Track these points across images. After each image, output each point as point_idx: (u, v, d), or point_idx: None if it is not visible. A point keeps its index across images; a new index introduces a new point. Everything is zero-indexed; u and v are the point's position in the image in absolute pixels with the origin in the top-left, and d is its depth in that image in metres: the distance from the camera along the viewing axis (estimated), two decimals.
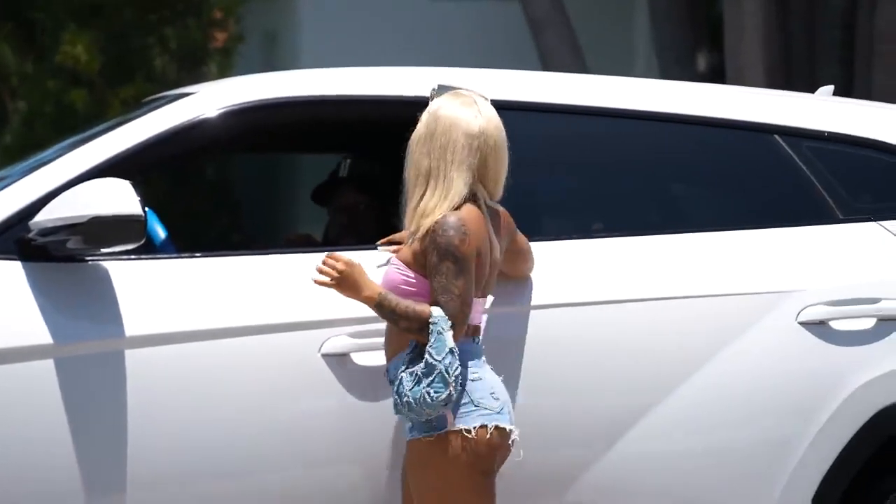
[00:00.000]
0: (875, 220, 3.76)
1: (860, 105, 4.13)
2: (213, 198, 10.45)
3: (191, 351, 3.46)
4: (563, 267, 3.64)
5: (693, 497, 3.60)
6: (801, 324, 3.65)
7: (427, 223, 3.29)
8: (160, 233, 4.33)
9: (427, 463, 3.27)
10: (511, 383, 3.51)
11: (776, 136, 3.81)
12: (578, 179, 3.83)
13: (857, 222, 3.75)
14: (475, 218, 3.32)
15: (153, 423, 3.44)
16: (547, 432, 3.54)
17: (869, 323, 3.65)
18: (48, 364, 3.41)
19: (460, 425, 3.25)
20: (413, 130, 3.36)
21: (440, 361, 3.21)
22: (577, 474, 3.55)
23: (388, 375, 3.35)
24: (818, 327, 3.65)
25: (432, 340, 3.23)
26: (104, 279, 3.47)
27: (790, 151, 3.80)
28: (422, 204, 3.30)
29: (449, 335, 3.23)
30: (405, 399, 3.23)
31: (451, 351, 3.22)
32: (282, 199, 11.13)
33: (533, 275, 3.60)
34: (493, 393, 3.29)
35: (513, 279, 3.55)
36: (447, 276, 3.25)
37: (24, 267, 3.45)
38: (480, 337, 3.38)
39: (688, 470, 3.59)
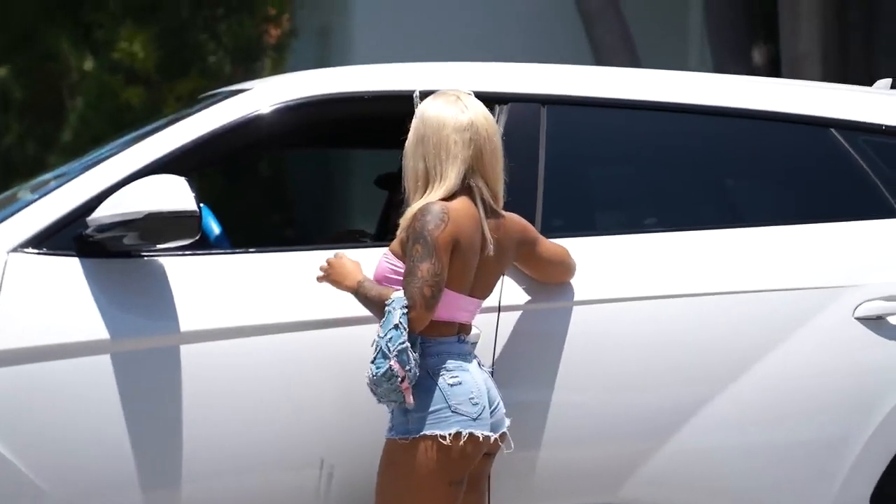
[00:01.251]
0: None
1: None
2: (268, 194, 10.50)
3: (244, 346, 3.48)
4: (619, 262, 3.62)
5: (749, 493, 3.57)
6: (858, 319, 3.62)
7: (413, 210, 3.29)
8: (215, 228, 4.35)
9: (397, 464, 3.25)
10: (564, 378, 3.49)
11: (832, 130, 3.77)
12: (633, 174, 3.81)
13: None
14: (463, 210, 3.29)
15: (208, 417, 3.46)
16: (601, 428, 3.53)
17: None
18: (105, 359, 3.44)
19: (435, 431, 3.22)
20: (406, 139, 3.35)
21: (382, 337, 3.22)
22: (632, 470, 3.54)
23: None
24: (875, 322, 3.61)
25: (383, 320, 3.24)
26: (160, 275, 3.50)
27: (847, 145, 3.76)
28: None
29: (398, 313, 3.22)
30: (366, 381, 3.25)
31: (396, 326, 3.22)
32: (335, 194, 11.16)
33: (588, 270, 3.59)
34: (471, 398, 3.26)
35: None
36: (414, 258, 3.25)
37: (82, 263, 3.49)
38: (469, 337, 3.35)
39: (744, 465, 3.57)
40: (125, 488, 3.44)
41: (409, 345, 3.22)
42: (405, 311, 3.23)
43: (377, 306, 3.29)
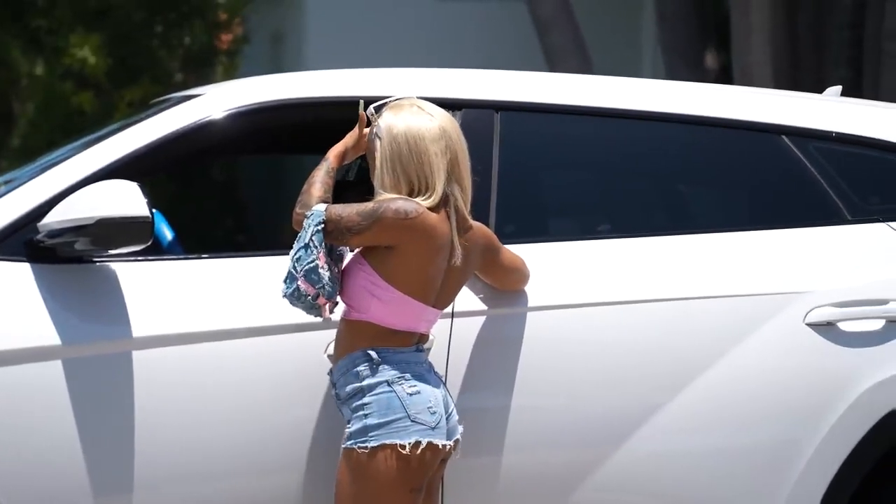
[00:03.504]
0: (883, 221, 3.75)
1: (868, 105, 4.12)
2: (220, 199, 10.47)
3: (197, 352, 3.46)
4: (570, 268, 3.63)
5: (700, 498, 3.59)
6: (809, 325, 3.64)
7: (389, 196, 3.27)
8: (167, 234, 4.33)
9: (357, 472, 3.24)
10: (516, 384, 3.50)
11: (783, 137, 3.80)
12: (585, 181, 3.83)
13: (865, 223, 3.74)
14: (437, 221, 3.27)
15: (160, 423, 3.44)
16: (552, 433, 3.54)
17: (877, 324, 3.64)
18: (56, 365, 3.41)
19: (395, 440, 3.22)
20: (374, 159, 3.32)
21: (291, 257, 3.25)
22: (582, 475, 3.55)
23: (332, 377, 3.35)
24: (826, 328, 3.64)
25: (299, 234, 3.27)
26: (112, 280, 3.48)
27: (797, 152, 3.79)
28: None
29: (311, 230, 3.23)
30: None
31: (306, 246, 3.23)
32: (287, 200, 11.14)
33: (542, 276, 3.60)
34: (430, 407, 3.26)
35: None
36: (360, 206, 3.24)
37: (33, 268, 3.46)
38: (427, 347, 3.35)
39: (695, 471, 3.59)
40: (78, 495, 3.42)
41: (318, 263, 3.21)
42: (318, 228, 3.22)
43: (302, 194, 3.31)
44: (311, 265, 3.21)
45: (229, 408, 3.47)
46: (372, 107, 3.40)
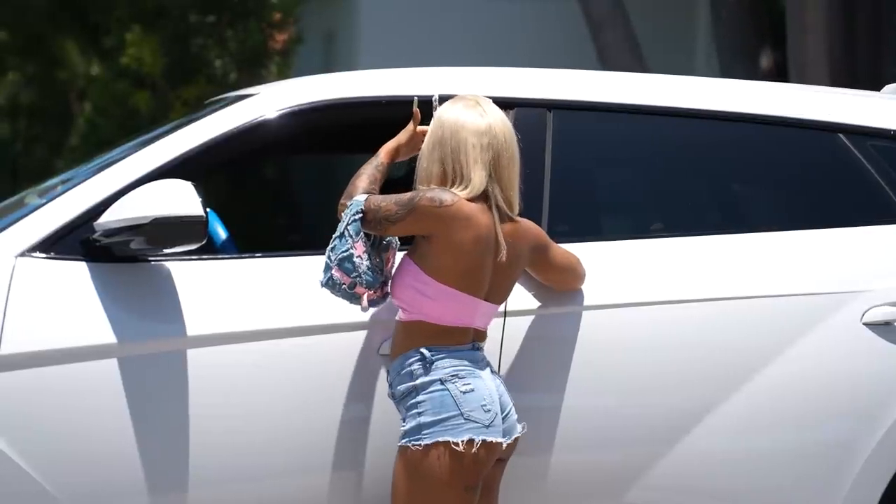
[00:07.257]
0: None
1: None
2: (274, 198, 10.52)
3: (250, 350, 3.48)
4: (626, 266, 3.62)
5: (756, 497, 3.57)
6: (866, 324, 3.61)
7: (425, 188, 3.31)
8: (221, 233, 4.36)
9: (412, 470, 3.26)
10: (569, 383, 3.49)
11: (840, 135, 3.77)
12: (640, 179, 3.81)
13: None
14: (474, 210, 3.29)
15: (216, 421, 3.46)
16: (605, 432, 3.53)
17: None
18: (111, 363, 3.44)
19: (448, 438, 3.23)
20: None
21: (328, 245, 3.29)
22: (638, 474, 3.54)
23: (388, 377, 3.37)
24: (883, 328, 3.61)
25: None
26: (166, 279, 3.51)
27: (855, 150, 3.76)
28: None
29: (348, 219, 3.29)
30: None
31: (341, 235, 3.29)
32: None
33: (595, 275, 3.59)
34: (483, 405, 3.27)
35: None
36: (398, 196, 3.29)
37: (89, 267, 3.49)
38: (483, 343, 3.36)
39: (751, 470, 3.57)
40: (133, 492, 3.44)
41: (353, 252, 3.26)
42: (356, 217, 3.27)
43: (348, 187, 3.38)
44: (345, 254, 3.26)
45: (286, 406, 3.48)
46: (437, 96, 3.43)
